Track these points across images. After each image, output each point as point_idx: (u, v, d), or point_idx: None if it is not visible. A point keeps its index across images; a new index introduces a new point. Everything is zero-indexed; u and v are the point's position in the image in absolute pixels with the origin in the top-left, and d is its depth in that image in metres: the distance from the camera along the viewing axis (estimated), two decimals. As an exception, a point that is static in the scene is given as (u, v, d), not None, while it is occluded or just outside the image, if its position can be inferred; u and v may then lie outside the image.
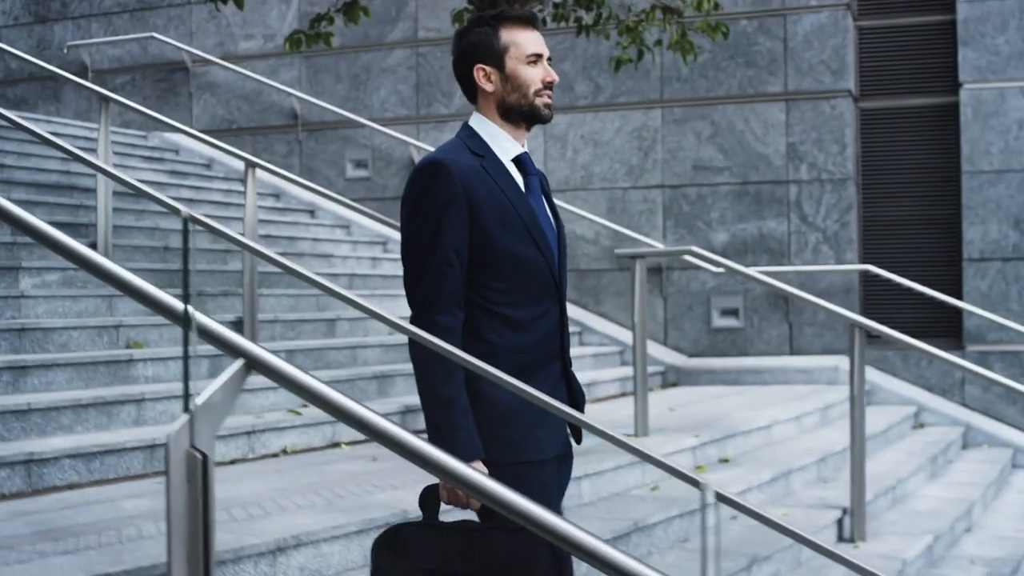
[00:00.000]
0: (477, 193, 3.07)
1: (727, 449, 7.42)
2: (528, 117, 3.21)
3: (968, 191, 10.67)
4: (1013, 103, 10.57)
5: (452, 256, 3.04)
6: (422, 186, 3.09)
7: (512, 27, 3.20)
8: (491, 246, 3.08)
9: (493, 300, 3.10)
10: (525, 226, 3.13)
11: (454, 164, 3.08)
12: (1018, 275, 10.54)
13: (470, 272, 3.09)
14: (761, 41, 11.10)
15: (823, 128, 10.90)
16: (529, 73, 3.18)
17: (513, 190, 3.15)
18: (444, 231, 3.04)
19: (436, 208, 3.04)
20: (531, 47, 3.20)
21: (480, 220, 3.07)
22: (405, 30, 12.27)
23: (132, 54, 13.45)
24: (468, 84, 3.25)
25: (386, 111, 12.30)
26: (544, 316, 3.17)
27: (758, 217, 11.03)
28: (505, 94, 3.18)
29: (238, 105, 12.92)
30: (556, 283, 3.21)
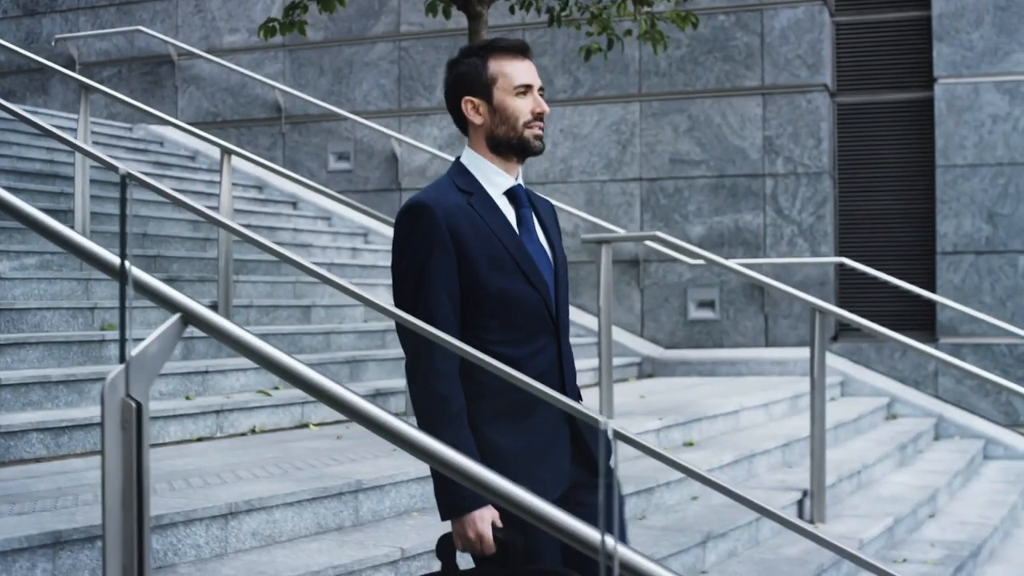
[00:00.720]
0: (463, 232, 3.01)
1: (692, 433, 7.53)
2: (518, 150, 3.13)
3: (942, 185, 10.78)
4: (987, 98, 10.68)
5: (441, 298, 2.99)
6: (406, 229, 3.05)
7: (501, 57, 3.13)
8: (480, 285, 3.02)
9: (486, 339, 3.04)
10: (516, 263, 3.06)
11: (437, 205, 3.02)
12: (991, 268, 10.65)
13: (463, 312, 3.04)
14: (738, 36, 11.21)
15: (799, 122, 11.02)
16: (517, 105, 3.10)
17: (502, 226, 3.08)
18: (430, 274, 2.99)
19: (420, 252, 3.00)
20: (520, 78, 3.12)
21: (468, 259, 3.01)
22: (387, 24, 12.38)
23: (119, 47, 13.57)
24: (458, 116, 3.19)
25: (368, 104, 12.41)
26: (540, 352, 3.10)
27: (734, 210, 11.15)
28: (494, 126, 3.11)
29: (223, 98, 13.03)
30: (552, 318, 3.13)
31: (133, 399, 2.43)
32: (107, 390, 2.38)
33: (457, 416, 2.93)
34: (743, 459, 7.17)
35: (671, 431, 7.23)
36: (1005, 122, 10.64)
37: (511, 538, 2.87)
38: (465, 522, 2.89)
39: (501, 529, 2.89)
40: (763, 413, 8.69)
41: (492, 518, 2.90)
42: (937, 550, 6.90)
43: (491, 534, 2.88)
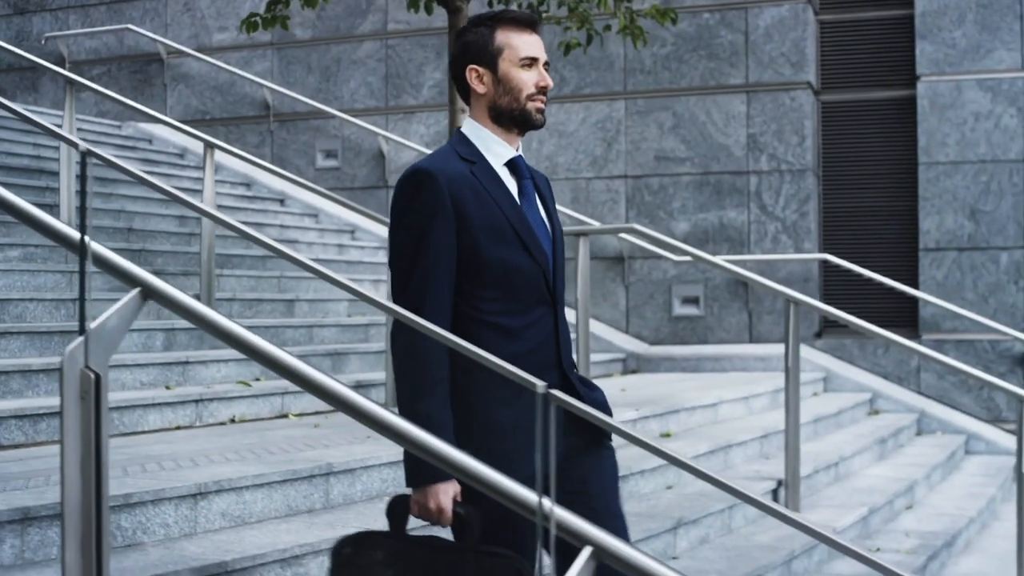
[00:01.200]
0: (465, 201, 3.01)
1: (670, 424, 7.59)
2: (519, 122, 3.13)
3: (924, 182, 10.85)
4: (969, 95, 10.75)
5: (438, 266, 2.98)
6: (407, 195, 3.03)
7: (509, 29, 3.13)
8: (480, 255, 3.01)
9: (483, 309, 3.04)
10: (516, 233, 3.06)
11: (440, 172, 3.01)
12: (973, 265, 10.72)
13: (461, 282, 3.03)
14: (723, 34, 11.28)
15: (783, 120, 11.08)
16: (522, 76, 3.11)
17: (504, 196, 3.08)
18: (430, 241, 2.98)
19: (421, 218, 2.99)
20: (526, 50, 3.12)
21: (468, 228, 3.00)
22: (375, 22, 12.44)
23: (108, 45, 13.63)
24: (461, 85, 3.18)
25: (356, 102, 12.47)
26: (537, 323, 3.10)
27: (719, 207, 11.21)
28: (497, 97, 3.11)
29: (211, 96, 13.09)
30: (550, 290, 3.13)
31: (92, 370, 2.48)
32: (66, 361, 2.43)
33: (438, 385, 2.94)
34: (719, 449, 7.23)
35: (648, 422, 7.29)
36: (987, 119, 10.70)
37: (469, 514, 2.87)
38: (428, 492, 2.89)
39: (461, 504, 2.90)
40: (743, 406, 8.75)
41: (455, 492, 2.90)
42: (911, 540, 6.96)
43: (451, 507, 2.89)
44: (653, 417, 7.36)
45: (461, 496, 2.92)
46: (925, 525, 7.39)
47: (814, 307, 6.87)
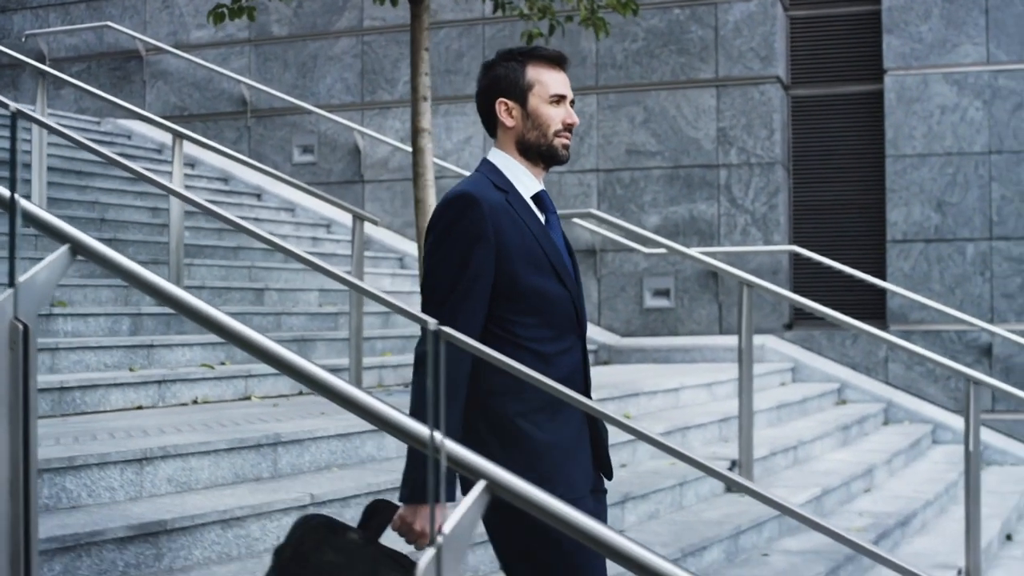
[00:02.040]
0: (504, 229, 3.04)
1: (629, 407, 7.70)
2: (546, 156, 3.18)
3: (892, 175, 10.98)
4: (936, 89, 10.88)
5: (474, 289, 3.01)
6: (450, 218, 3.05)
7: (539, 65, 3.19)
8: (517, 282, 3.05)
9: (520, 335, 3.07)
10: (550, 262, 3.10)
11: (484, 199, 3.05)
12: (940, 256, 10.84)
13: (496, 307, 3.05)
14: (693, 29, 11.41)
15: (752, 113, 11.21)
16: (551, 113, 3.16)
17: (537, 226, 3.13)
18: (469, 265, 3.00)
19: (463, 242, 3.01)
20: (555, 87, 3.18)
21: (507, 256, 3.04)
22: (351, 19, 12.57)
23: (88, 43, 13.75)
24: (489, 117, 3.23)
25: (332, 98, 12.59)
26: (568, 351, 3.15)
27: (689, 200, 11.33)
28: (525, 131, 3.17)
29: (189, 92, 13.21)
30: (578, 318, 3.19)
31: (21, 321, 2.55)
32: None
33: (456, 408, 2.95)
34: (676, 431, 7.34)
35: (606, 404, 7.39)
36: (953, 113, 10.83)
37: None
38: (418, 511, 2.90)
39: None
40: (705, 392, 8.86)
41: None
42: (864, 519, 7.07)
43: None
44: (611, 400, 7.47)
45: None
46: (880, 507, 7.50)
47: (769, 290, 6.99)
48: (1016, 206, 10.67)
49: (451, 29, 12.21)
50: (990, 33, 10.75)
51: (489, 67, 3.25)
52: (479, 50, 12.09)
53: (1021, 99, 10.68)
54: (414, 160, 7.54)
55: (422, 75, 7.58)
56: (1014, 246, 10.66)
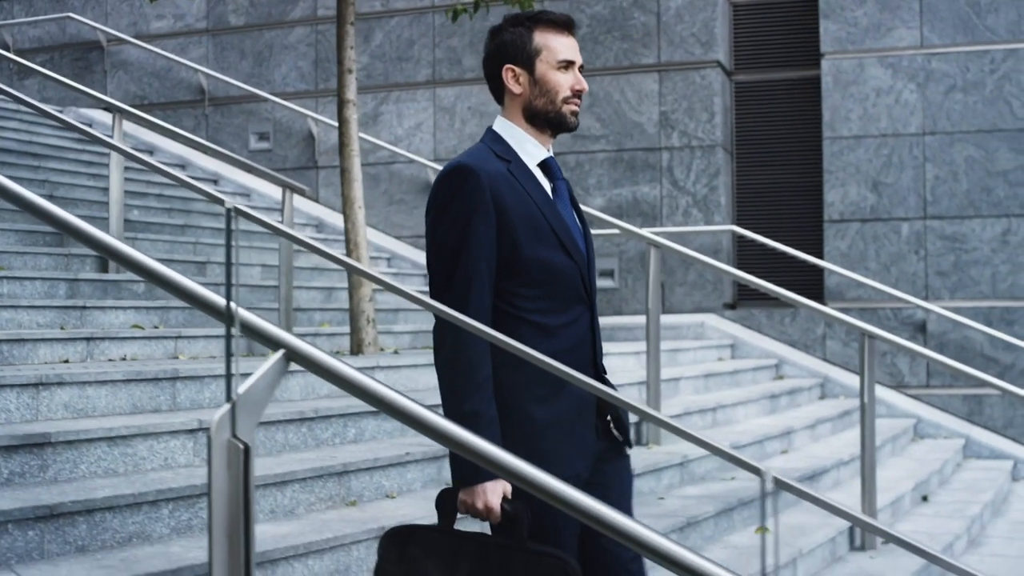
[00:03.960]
0: (505, 199, 3.00)
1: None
2: (554, 124, 3.14)
3: (829, 156, 11.25)
4: (871, 72, 11.16)
5: (480, 264, 2.97)
6: (448, 192, 3.01)
7: (547, 30, 3.13)
8: (520, 253, 3.01)
9: (523, 307, 3.03)
10: (554, 232, 3.06)
11: (481, 169, 3.00)
12: (875, 235, 11.10)
13: (499, 279, 3.02)
14: (636, 16, 11.69)
15: (693, 98, 11.49)
16: (559, 79, 3.11)
17: (541, 195, 3.07)
18: (471, 238, 2.97)
19: (463, 215, 2.97)
20: (564, 53, 3.12)
21: (508, 227, 3.00)
22: (305, 8, 12.85)
23: (51, 34, 14.04)
24: (496, 84, 3.18)
25: (287, 86, 12.87)
26: (575, 323, 3.09)
27: (632, 183, 11.60)
28: (532, 98, 3.12)
29: (149, 82, 13.49)
30: (586, 289, 3.13)
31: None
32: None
33: (483, 384, 2.92)
34: (592, 389, 7.57)
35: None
36: (888, 95, 11.11)
37: (518, 512, 2.87)
38: (475, 491, 2.89)
39: (510, 501, 2.90)
40: (634, 360, 9.11)
41: (504, 490, 2.90)
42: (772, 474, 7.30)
43: (499, 506, 2.89)
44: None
45: (512, 494, 2.92)
46: (792, 464, 7.74)
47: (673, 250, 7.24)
48: (949, 186, 10.94)
49: (402, 17, 12.49)
50: (924, 17, 11.03)
51: (496, 33, 3.20)
52: (429, 38, 12.37)
53: (954, 82, 10.96)
54: (340, 131, 7.80)
55: (347, 48, 7.84)
56: (947, 225, 10.93)
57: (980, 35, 10.89)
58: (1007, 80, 10.82)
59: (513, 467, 2.42)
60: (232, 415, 2.41)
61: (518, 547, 2.84)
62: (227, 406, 2.41)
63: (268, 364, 2.53)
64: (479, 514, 2.89)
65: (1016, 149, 10.77)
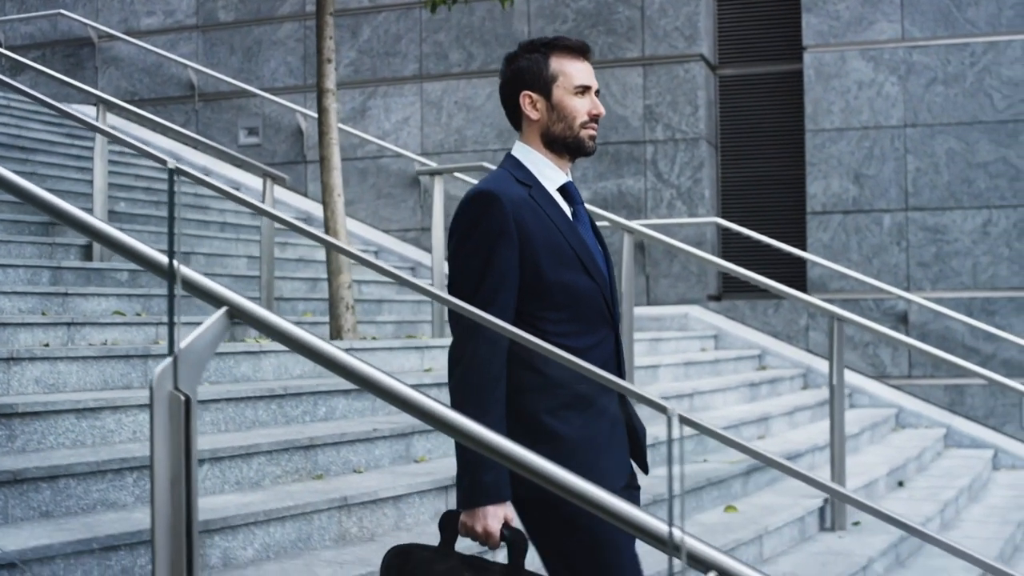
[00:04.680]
0: (527, 224, 3.01)
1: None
2: (572, 148, 3.15)
3: (811, 148, 11.34)
4: (853, 65, 11.25)
5: (501, 288, 2.99)
6: (472, 216, 3.03)
7: (563, 56, 3.17)
8: (543, 277, 3.02)
9: (548, 331, 3.01)
10: (576, 256, 3.06)
11: (504, 194, 3.01)
12: (857, 227, 11.20)
13: (523, 303, 3.03)
14: (620, 10, 11.79)
15: (677, 91, 11.58)
16: (576, 104, 3.13)
17: (562, 219, 3.10)
18: (494, 263, 2.98)
19: (487, 239, 2.99)
20: (580, 78, 3.16)
21: (531, 251, 3.01)
22: (293, 4, 12.97)
23: (42, 30, 14.16)
24: (513, 110, 3.21)
25: (276, 81, 12.98)
26: (600, 344, 3.09)
27: (617, 175, 11.70)
28: (550, 123, 3.13)
29: (140, 78, 13.61)
30: (609, 310, 3.14)
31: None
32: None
33: (495, 404, 2.93)
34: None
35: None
36: (870, 88, 11.20)
37: (515, 539, 2.88)
38: (476, 514, 2.89)
39: (509, 527, 2.91)
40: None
41: (505, 516, 2.91)
42: (745, 458, 7.39)
43: (498, 531, 2.89)
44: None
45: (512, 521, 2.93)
46: (768, 447, 7.81)
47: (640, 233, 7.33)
48: (930, 178, 11.03)
49: (389, 12, 12.60)
50: (905, 10, 11.13)
51: (512, 59, 3.22)
52: (416, 33, 12.47)
53: (935, 74, 11.05)
54: (319, 119, 7.91)
55: (327, 39, 7.94)
56: (929, 216, 11.02)
57: (960, 28, 10.99)
58: (987, 73, 10.91)
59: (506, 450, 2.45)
60: (174, 368, 2.49)
61: (515, 572, 2.85)
62: (169, 359, 2.48)
63: (210, 320, 2.60)
64: (478, 537, 2.90)
65: (996, 141, 10.86)
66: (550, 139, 3.14)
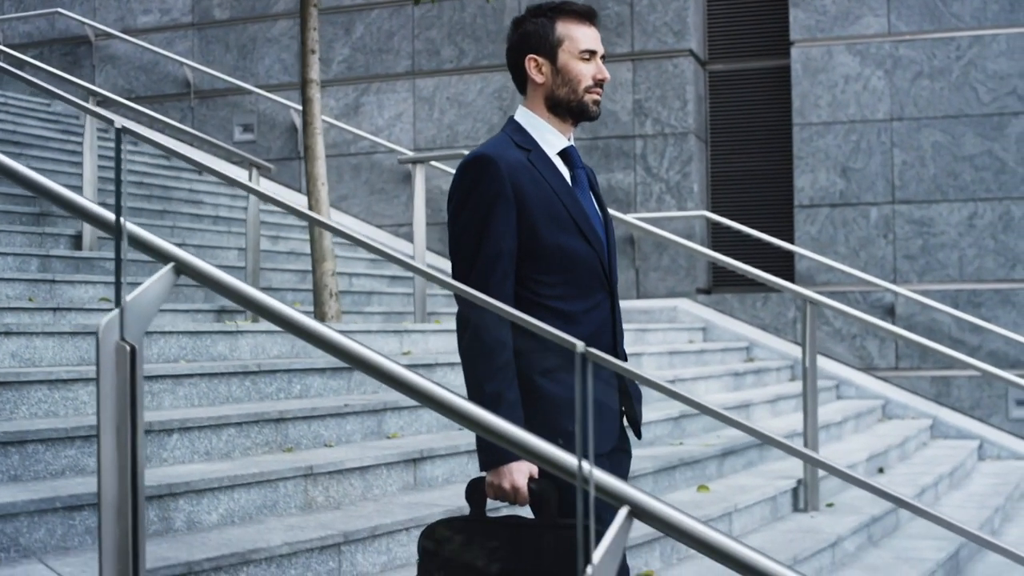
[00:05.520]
0: (524, 187, 3.04)
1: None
2: (576, 113, 3.18)
3: (799, 142, 11.44)
4: (839, 59, 11.35)
5: (501, 251, 3.02)
6: (469, 181, 3.05)
7: (569, 20, 3.18)
8: (539, 240, 3.05)
9: (543, 294, 3.06)
10: (573, 219, 3.09)
11: (501, 158, 3.05)
12: (845, 220, 11.29)
13: (519, 267, 3.06)
14: (610, 6, 11.90)
15: (666, 86, 11.69)
16: (581, 68, 3.15)
17: (560, 184, 3.11)
18: (492, 226, 3.02)
19: (484, 203, 3.02)
20: (586, 42, 3.17)
21: (528, 214, 3.04)
22: (288, 2, 13.10)
23: (40, 29, 14.31)
24: (519, 74, 3.23)
25: (271, 78, 13.11)
26: (595, 309, 3.13)
27: (607, 170, 11.81)
28: (555, 87, 3.16)
29: (136, 76, 13.75)
30: (606, 275, 3.16)
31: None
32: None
33: (504, 367, 2.95)
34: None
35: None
36: (856, 82, 11.30)
37: (545, 490, 2.90)
38: (502, 473, 2.92)
39: (536, 481, 2.93)
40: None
41: (529, 470, 2.93)
42: (721, 440, 7.48)
43: (526, 486, 2.92)
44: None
45: (538, 473, 2.94)
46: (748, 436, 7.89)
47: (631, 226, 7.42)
48: (917, 171, 11.12)
49: (382, 10, 12.72)
50: (891, 5, 11.22)
51: (518, 23, 3.25)
52: (409, 30, 12.59)
53: (921, 68, 11.14)
54: (304, 110, 8.02)
55: (310, 30, 8.06)
56: (915, 209, 11.11)
57: (946, 22, 11.08)
58: (972, 66, 11.00)
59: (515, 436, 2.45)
60: (121, 319, 2.59)
61: (548, 525, 2.87)
62: (116, 311, 2.59)
63: (157, 275, 2.71)
64: (507, 496, 2.92)
65: (982, 134, 10.95)
66: (554, 103, 3.17)
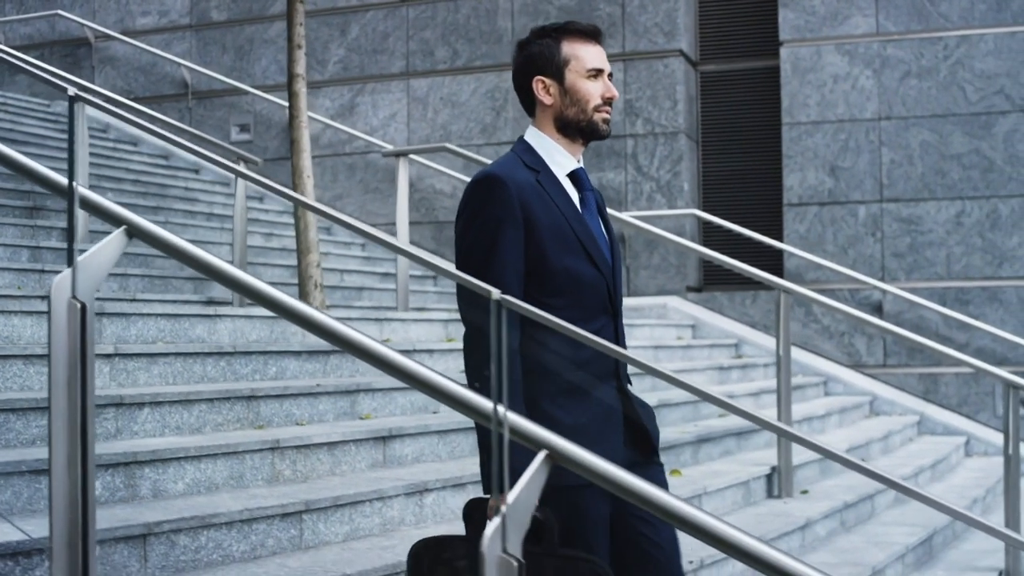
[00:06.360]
0: (533, 208, 3.03)
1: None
2: (586, 132, 3.17)
3: (788, 141, 11.54)
4: (828, 59, 11.45)
5: (507, 270, 3.01)
6: (477, 200, 3.06)
7: (574, 40, 3.19)
8: (547, 263, 3.04)
9: None
10: (581, 243, 3.09)
11: (510, 179, 3.04)
12: (833, 218, 11.38)
13: (525, 288, 3.05)
14: (601, 6, 12.03)
15: (657, 86, 11.80)
16: (589, 87, 3.15)
17: (568, 206, 3.11)
18: (499, 246, 3.01)
19: (491, 223, 3.02)
20: (592, 61, 3.17)
21: (536, 236, 3.03)
22: (284, 3, 13.21)
23: (40, 31, 14.49)
24: (527, 96, 3.22)
25: (267, 79, 13.26)
26: (599, 332, 3.10)
27: (598, 169, 11.91)
28: (564, 108, 3.15)
29: (135, 76, 13.91)
30: (611, 299, 3.17)
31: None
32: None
33: (513, 387, 2.92)
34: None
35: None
36: (845, 81, 11.40)
37: (547, 519, 2.85)
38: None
39: (539, 508, 2.88)
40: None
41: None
42: (698, 429, 7.58)
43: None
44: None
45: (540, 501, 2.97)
46: (723, 424, 7.96)
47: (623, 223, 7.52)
48: (905, 169, 11.21)
49: (377, 11, 12.86)
50: (879, 5, 11.33)
51: (524, 45, 3.24)
52: (403, 31, 12.73)
53: (909, 68, 11.24)
54: (289, 104, 8.15)
55: (297, 25, 8.18)
56: (903, 207, 11.20)
57: (934, 22, 11.18)
58: (960, 66, 11.09)
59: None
60: (73, 277, 2.68)
61: (549, 553, 2.83)
62: (68, 270, 2.69)
63: (109, 237, 2.83)
64: None
65: (969, 133, 11.04)
66: (564, 123, 3.16)
